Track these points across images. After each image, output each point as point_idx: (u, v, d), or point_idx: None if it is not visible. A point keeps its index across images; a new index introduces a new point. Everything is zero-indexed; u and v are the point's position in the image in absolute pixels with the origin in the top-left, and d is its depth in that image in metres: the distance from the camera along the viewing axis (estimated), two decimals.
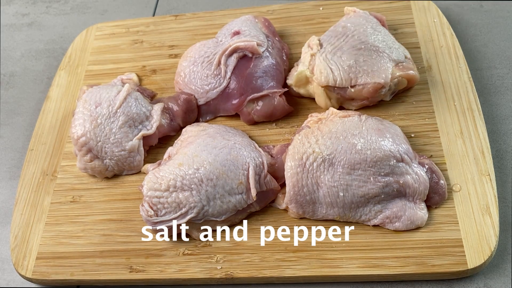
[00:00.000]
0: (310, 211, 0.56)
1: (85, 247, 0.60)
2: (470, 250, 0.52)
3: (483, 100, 0.64)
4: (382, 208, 0.54)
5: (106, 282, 0.58)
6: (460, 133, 0.60)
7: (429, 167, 0.56)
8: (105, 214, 0.63)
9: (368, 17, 0.67)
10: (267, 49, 0.67)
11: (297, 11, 0.77)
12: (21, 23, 0.92)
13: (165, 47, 0.78)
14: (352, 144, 0.55)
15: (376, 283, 0.54)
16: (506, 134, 0.62)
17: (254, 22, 0.71)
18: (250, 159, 0.58)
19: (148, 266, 0.58)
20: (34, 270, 0.60)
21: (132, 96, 0.66)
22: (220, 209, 0.56)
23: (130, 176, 0.65)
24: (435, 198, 0.55)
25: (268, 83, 0.65)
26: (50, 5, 0.94)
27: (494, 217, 0.53)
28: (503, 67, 0.67)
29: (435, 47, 0.68)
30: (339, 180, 0.54)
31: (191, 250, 0.58)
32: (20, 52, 0.87)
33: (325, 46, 0.65)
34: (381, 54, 0.62)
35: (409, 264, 0.52)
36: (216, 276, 0.55)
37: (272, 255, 0.56)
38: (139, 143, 0.64)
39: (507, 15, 0.72)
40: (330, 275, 0.53)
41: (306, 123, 0.61)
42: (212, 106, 0.67)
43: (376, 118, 0.59)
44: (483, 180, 0.56)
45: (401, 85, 0.62)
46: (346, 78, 0.61)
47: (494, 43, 0.70)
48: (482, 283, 0.53)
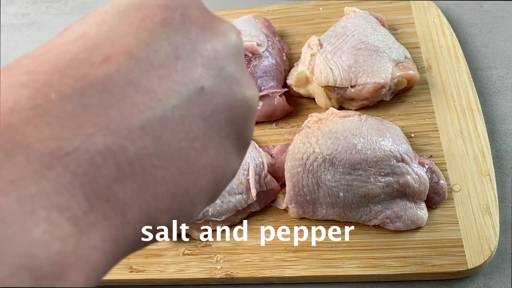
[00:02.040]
0: (310, 211, 0.56)
1: None
2: (470, 250, 0.52)
3: (483, 100, 0.64)
4: (382, 208, 0.54)
5: (106, 282, 0.58)
6: (460, 133, 0.60)
7: (429, 167, 0.56)
8: None
9: (368, 17, 0.67)
10: (267, 49, 0.67)
11: (297, 11, 0.77)
12: (21, 23, 0.92)
13: None
14: (352, 144, 0.55)
15: (376, 283, 0.54)
16: (506, 134, 0.62)
17: (254, 22, 0.71)
18: (250, 159, 0.58)
19: (148, 266, 0.58)
20: None
21: None
22: (220, 209, 0.56)
23: None
24: (435, 198, 0.55)
25: (268, 83, 0.65)
26: (50, 5, 0.94)
27: (494, 217, 0.53)
28: (503, 67, 0.67)
29: (435, 47, 0.68)
30: (339, 180, 0.54)
31: (191, 250, 0.58)
32: (20, 52, 0.87)
33: (325, 46, 0.65)
34: (381, 54, 0.62)
35: (409, 264, 0.52)
36: (216, 276, 0.55)
37: (272, 255, 0.56)
38: None
39: (507, 15, 0.72)
40: (330, 275, 0.53)
41: (306, 123, 0.61)
42: None
43: (376, 118, 0.59)
44: (483, 180, 0.56)
45: (401, 85, 0.62)
46: (346, 78, 0.61)
47: (494, 43, 0.70)
48: (482, 283, 0.53)
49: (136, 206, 0.22)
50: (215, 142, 0.26)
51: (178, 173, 0.24)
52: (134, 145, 0.21)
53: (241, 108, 0.27)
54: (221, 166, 0.27)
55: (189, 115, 0.24)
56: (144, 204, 0.22)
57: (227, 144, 0.27)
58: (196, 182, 0.25)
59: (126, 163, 0.21)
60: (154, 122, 0.22)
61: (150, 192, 0.22)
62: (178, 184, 0.24)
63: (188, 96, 0.24)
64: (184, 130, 0.23)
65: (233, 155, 0.28)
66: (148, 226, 0.23)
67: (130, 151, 0.21)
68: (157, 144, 0.22)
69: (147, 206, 0.23)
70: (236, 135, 0.27)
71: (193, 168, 0.24)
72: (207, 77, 0.25)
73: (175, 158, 0.23)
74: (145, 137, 0.22)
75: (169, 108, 0.23)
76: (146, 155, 0.22)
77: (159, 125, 0.22)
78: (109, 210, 0.21)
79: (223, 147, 0.26)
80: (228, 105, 0.26)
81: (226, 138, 0.27)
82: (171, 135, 0.23)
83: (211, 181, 0.26)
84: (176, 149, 0.23)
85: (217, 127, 0.26)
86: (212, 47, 0.26)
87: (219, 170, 0.26)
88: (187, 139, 0.24)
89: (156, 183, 0.23)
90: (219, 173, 0.26)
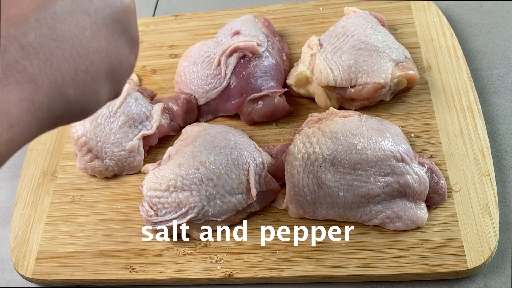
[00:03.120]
0: (310, 211, 0.56)
1: (85, 247, 0.60)
2: (470, 250, 0.52)
3: (483, 100, 0.64)
4: (382, 208, 0.54)
5: (106, 282, 0.59)
6: (460, 133, 0.60)
7: (429, 167, 0.56)
8: (105, 214, 0.63)
9: (368, 17, 0.67)
10: (267, 49, 0.67)
11: (297, 11, 0.77)
12: None
13: (165, 47, 0.78)
14: (353, 144, 0.55)
15: (376, 283, 0.54)
16: (506, 134, 0.62)
17: (254, 22, 0.71)
18: (251, 159, 0.58)
19: (148, 266, 0.58)
20: (34, 270, 0.60)
21: (132, 96, 0.66)
22: (220, 209, 0.56)
23: (130, 176, 0.65)
24: (435, 198, 0.55)
25: (268, 83, 0.65)
26: None
27: (494, 217, 0.53)
28: (503, 67, 0.67)
29: (435, 47, 0.68)
30: (339, 180, 0.54)
31: (191, 250, 0.58)
32: None
33: (325, 46, 0.65)
34: (381, 54, 0.61)
35: (409, 264, 0.52)
36: (216, 276, 0.55)
37: (272, 255, 0.56)
38: (139, 143, 0.64)
39: (507, 15, 0.72)
40: (330, 275, 0.53)
41: (306, 123, 0.61)
42: (212, 106, 0.67)
43: (376, 118, 0.59)
44: (483, 180, 0.56)
45: (401, 85, 0.62)
46: (346, 78, 0.61)
47: (494, 43, 0.70)
48: (482, 283, 0.53)
49: (44, 76, 0.29)
50: (103, 33, 0.33)
51: (75, 53, 0.31)
52: (33, 32, 0.29)
53: (120, 7, 0.35)
54: (114, 54, 0.34)
55: (75, 11, 0.32)
56: (51, 74, 0.30)
57: (116, 37, 0.35)
58: (93, 63, 0.32)
59: (29, 45, 0.29)
60: (47, 16, 0.30)
61: (54, 66, 0.30)
62: (77, 62, 0.31)
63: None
64: (73, 22, 0.31)
65: (125, 48, 0.35)
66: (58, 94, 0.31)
67: (30, 36, 0.29)
68: (52, 32, 0.30)
69: (54, 77, 0.30)
70: (122, 30, 0.35)
71: (88, 51, 0.32)
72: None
73: (70, 42, 0.31)
74: (41, 27, 0.30)
75: (57, 6, 0.31)
76: (44, 39, 0.30)
77: (51, 18, 0.30)
78: (21, 78, 0.28)
79: (113, 38, 0.34)
80: (107, 4, 0.34)
81: (113, 31, 0.34)
82: (63, 25, 0.31)
83: (107, 64, 0.34)
84: (69, 36, 0.31)
85: (102, 22, 0.33)
86: None
87: (113, 57, 0.34)
88: (77, 29, 0.32)
89: (58, 60, 0.30)
90: (113, 59, 0.34)
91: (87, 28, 0.32)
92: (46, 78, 0.30)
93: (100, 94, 0.34)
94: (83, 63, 0.32)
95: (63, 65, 0.30)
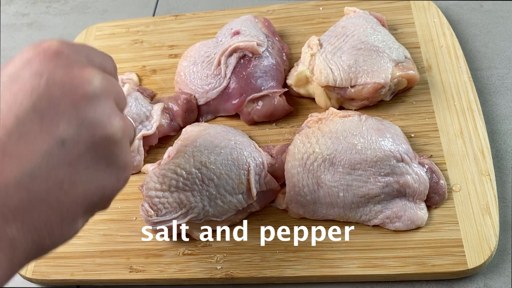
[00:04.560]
0: (310, 211, 0.56)
1: (85, 247, 0.60)
2: (470, 250, 0.52)
3: (483, 100, 0.64)
4: (382, 208, 0.54)
5: (106, 282, 0.58)
6: (460, 133, 0.60)
7: (429, 167, 0.56)
8: (105, 214, 0.62)
9: (368, 17, 0.67)
10: (267, 49, 0.67)
11: (297, 11, 0.77)
12: (21, 23, 0.92)
13: (165, 47, 0.78)
14: (353, 144, 0.55)
15: (376, 283, 0.54)
16: (506, 134, 0.62)
17: (254, 22, 0.71)
18: (251, 159, 0.58)
19: (148, 266, 0.58)
20: (34, 270, 0.60)
21: (132, 96, 0.66)
22: (220, 209, 0.56)
23: (130, 176, 0.65)
24: (435, 198, 0.55)
25: (268, 83, 0.65)
26: (50, 5, 0.94)
27: (494, 217, 0.53)
28: (503, 67, 0.67)
29: (435, 47, 0.68)
30: (339, 180, 0.54)
31: (191, 250, 0.58)
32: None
33: (325, 46, 0.65)
34: (381, 54, 0.62)
35: (409, 264, 0.52)
36: (216, 276, 0.55)
37: (272, 255, 0.56)
38: (139, 143, 0.64)
39: (507, 15, 0.72)
40: (330, 275, 0.53)
41: (306, 123, 0.61)
42: (212, 106, 0.67)
43: (376, 118, 0.59)
44: (483, 180, 0.56)
45: (401, 85, 0.62)
46: (346, 78, 0.61)
47: (494, 43, 0.70)
48: (482, 283, 0.53)
49: (22, 238, 0.30)
50: (83, 179, 0.33)
51: (51, 211, 0.31)
52: (12, 198, 0.29)
53: (104, 145, 0.33)
54: (94, 193, 0.34)
55: (55, 165, 0.31)
56: (29, 235, 0.31)
57: (99, 174, 0.34)
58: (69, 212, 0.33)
59: (8, 212, 0.29)
60: (25, 178, 0.30)
61: (31, 227, 0.31)
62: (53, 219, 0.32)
63: (50, 153, 0.31)
64: (51, 179, 0.31)
65: (110, 178, 0.35)
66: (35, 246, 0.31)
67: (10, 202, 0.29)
68: (30, 195, 0.30)
69: (31, 237, 0.31)
70: (107, 164, 0.34)
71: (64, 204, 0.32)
72: (68, 131, 0.31)
73: (47, 201, 0.31)
74: (20, 191, 0.30)
75: (36, 165, 0.30)
76: (22, 204, 0.30)
77: (30, 179, 0.30)
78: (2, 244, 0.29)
79: (94, 179, 0.34)
80: (90, 148, 0.33)
81: (96, 170, 0.34)
82: (40, 185, 0.30)
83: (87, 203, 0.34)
84: (46, 195, 0.31)
85: (83, 166, 0.33)
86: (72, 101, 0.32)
87: (93, 196, 0.34)
88: (54, 185, 0.31)
89: (35, 221, 0.31)
90: (93, 198, 0.34)
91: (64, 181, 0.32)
92: (23, 239, 0.30)
93: (77, 228, 0.35)
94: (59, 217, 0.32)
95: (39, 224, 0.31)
